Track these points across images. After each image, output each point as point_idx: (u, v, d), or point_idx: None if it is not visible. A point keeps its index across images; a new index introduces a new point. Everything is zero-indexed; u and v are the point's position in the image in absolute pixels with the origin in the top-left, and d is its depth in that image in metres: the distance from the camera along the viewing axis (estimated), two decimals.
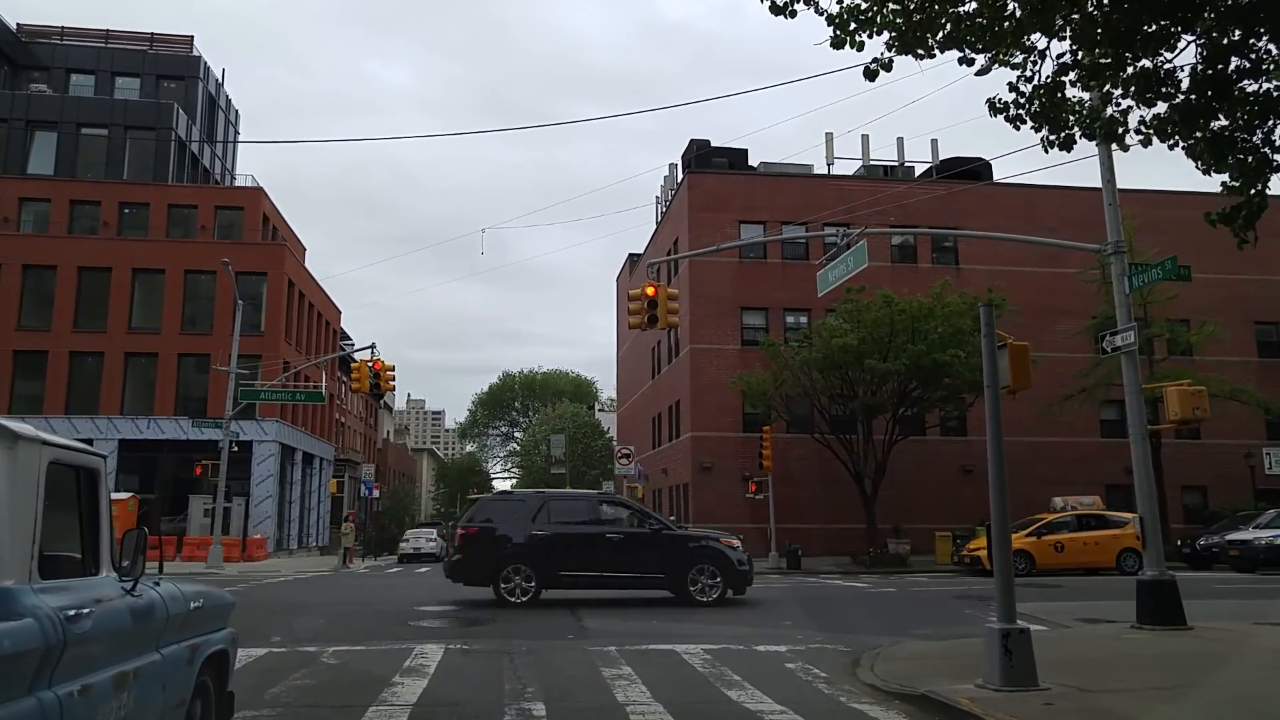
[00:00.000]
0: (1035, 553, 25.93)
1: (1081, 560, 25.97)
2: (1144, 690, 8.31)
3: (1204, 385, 15.18)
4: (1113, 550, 26.11)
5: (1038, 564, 25.68)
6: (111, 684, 4.08)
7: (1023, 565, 25.21)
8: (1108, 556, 26.04)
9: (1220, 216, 6.55)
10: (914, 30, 6.09)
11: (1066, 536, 26.52)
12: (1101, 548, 26.31)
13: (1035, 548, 26.10)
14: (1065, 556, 25.98)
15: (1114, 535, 26.38)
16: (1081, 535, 26.64)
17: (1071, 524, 27.22)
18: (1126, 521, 26.62)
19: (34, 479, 3.78)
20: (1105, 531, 26.62)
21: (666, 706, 7.77)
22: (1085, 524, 27.16)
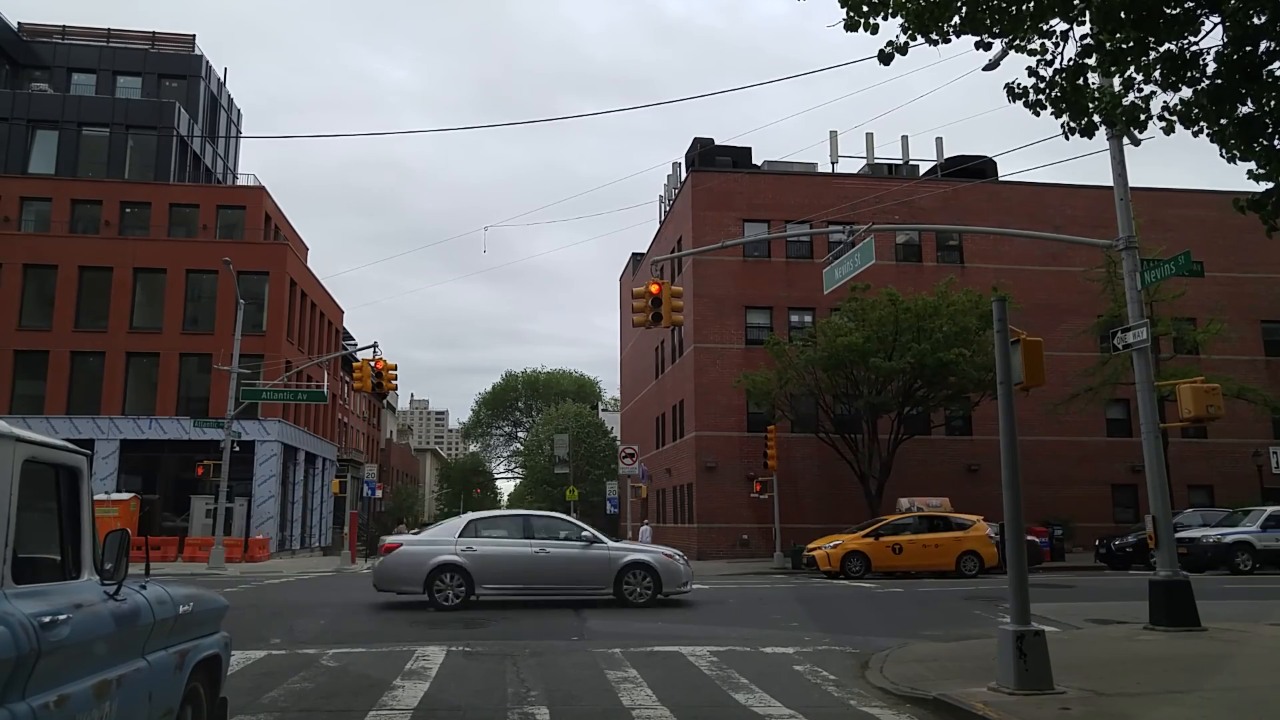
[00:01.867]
0: (871, 554, 25.42)
1: (920, 563, 25.41)
2: (1162, 693, 8.11)
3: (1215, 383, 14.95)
4: (953, 553, 25.49)
5: (873, 565, 25.20)
6: (92, 693, 3.89)
7: (857, 566, 25.10)
8: (948, 559, 25.42)
9: (1250, 203, 6.36)
10: (930, 12, 5.90)
11: (906, 538, 25.91)
12: (942, 550, 25.64)
13: (872, 549, 25.55)
14: (903, 558, 25.42)
15: (956, 538, 25.81)
16: (922, 537, 26.01)
17: (913, 526, 26.70)
18: (970, 524, 26.39)
19: (7, 478, 3.59)
20: (947, 534, 25.96)
21: (673, 710, 7.60)
22: (928, 526, 26.63)
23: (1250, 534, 25.44)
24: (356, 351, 39.57)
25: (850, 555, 25.51)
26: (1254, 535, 25.31)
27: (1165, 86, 6.20)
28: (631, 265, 57.08)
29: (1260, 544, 25.15)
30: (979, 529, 26.27)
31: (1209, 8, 5.84)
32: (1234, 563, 24.76)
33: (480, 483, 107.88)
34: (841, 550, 25.78)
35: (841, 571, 25.26)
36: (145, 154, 48.30)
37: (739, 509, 35.93)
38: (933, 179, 41.42)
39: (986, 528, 26.33)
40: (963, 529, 26.23)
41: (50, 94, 48.61)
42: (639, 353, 53.11)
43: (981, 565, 25.50)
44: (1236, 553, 24.88)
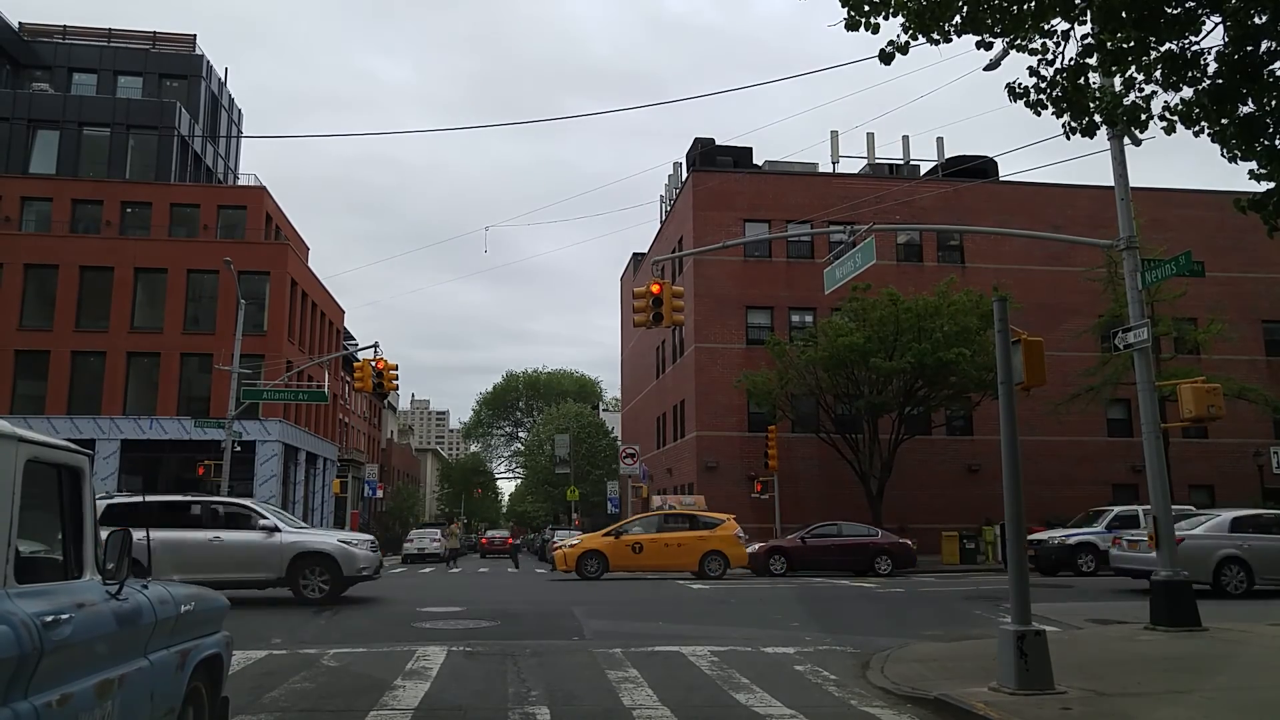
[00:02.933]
0: (610, 553, 24.85)
1: (661, 563, 24.95)
2: (1163, 694, 8.11)
3: (1216, 383, 14.94)
4: (697, 553, 24.91)
5: (611, 565, 24.69)
6: (94, 693, 3.89)
7: (594, 566, 24.57)
8: (691, 559, 24.86)
9: (1251, 203, 6.36)
10: (931, 12, 5.90)
11: (648, 537, 25.41)
12: (685, 550, 25.06)
13: (611, 548, 25.00)
14: (644, 558, 24.93)
15: (700, 537, 25.29)
16: (664, 536, 25.45)
17: (657, 525, 26.35)
18: (718, 523, 26.02)
19: (9, 478, 3.59)
20: (691, 533, 25.47)
21: (673, 710, 7.60)
22: (673, 525, 26.25)
23: (1095, 535, 25.25)
24: (357, 351, 39.57)
25: (587, 555, 24.94)
26: (1098, 537, 25.08)
27: (1166, 86, 6.20)
28: (632, 265, 57.10)
29: (1104, 545, 24.63)
30: (727, 528, 25.71)
31: (1210, 7, 5.84)
32: (1077, 564, 24.57)
33: (481, 483, 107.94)
34: (578, 550, 25.33)
35: (577, 572, 24.67)
36: (146, 154, 48.32)
37: (740, 509, 35.77)
38: (933, 179, 41.44)
39: (736, 527, 25.94)
40: (709, 528, 25.68)
41: (51, 94, 48.63)
42: (640, 353, 53.12)
43: (727, 566, 24.94)
44: (1080, 554, 24.74)
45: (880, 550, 26.55)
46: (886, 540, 27.09)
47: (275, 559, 16.60)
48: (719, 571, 24.81)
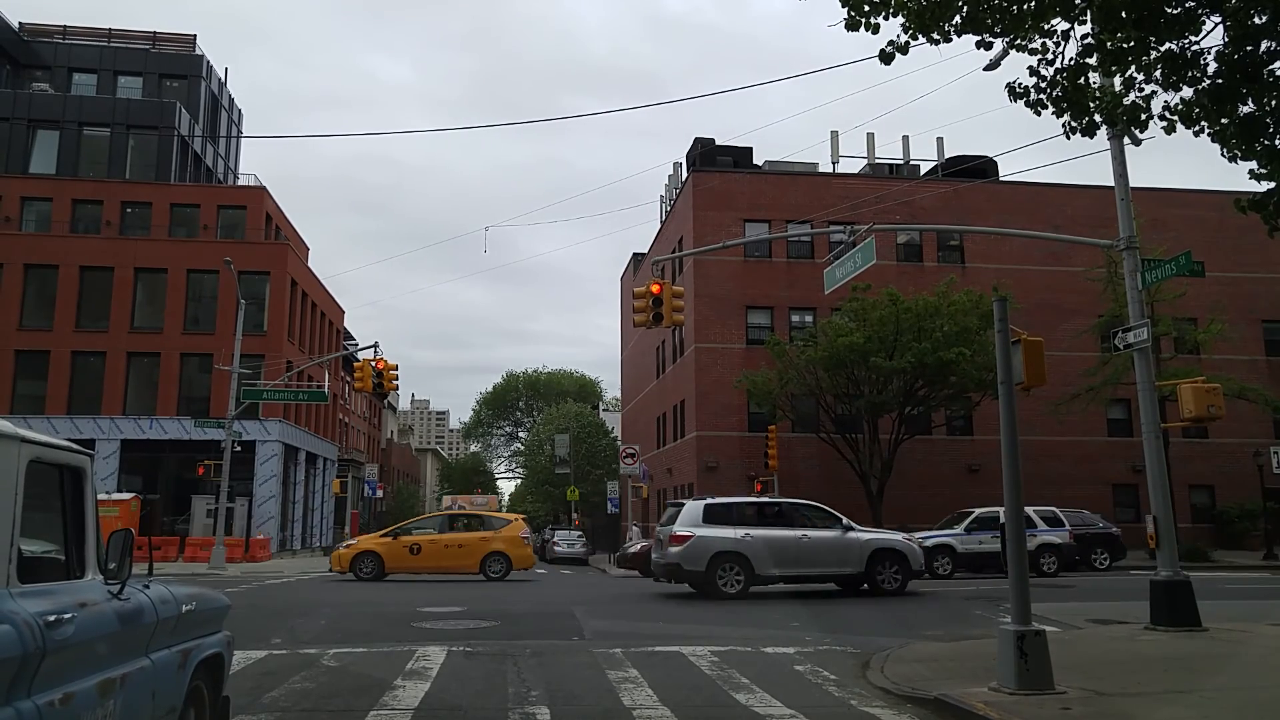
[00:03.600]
0: (386, 555, 24.57)
1: (441, 564, 24.72)
2: (1163, 694, 8.11)
3: (1216, 383, 14.95)
4: (478, 555, 24.75)
5: (388, 567, 24.37)
6: (96, 692, 3.90)
7: (369, 568, 24.21)
8: (472, 561, 24.70)
9: (1251, 203, 6.36)
10: (931, 12, 5.90)
11: (427, 538, 25.21)
12: (466, 551, 24.88)
13: (388, 550, 24.75)
14: (422, 559, 24.67)
15: (482, 538, 25.09)
16: (445, 537, 25.30)
17: (439, 525, 26.04)
18: (504, 524, 25.81)
19: (12, 479, 3.60)
20: (473, 534, 25.31)
21: (673, 710, 7.60)
22: (454, 525, 25.92)
23: (953, 537, 25.32)
24: (357, 351, 39.59)
25: (362, 556, 24.62)
26: (957, 539, 25.20)
27: (1166, 86, 6.20)
28: (632, 265, 57.09)
29: (962, 547, 25.00)
30: (512, 529, 25.52)
31: (1210, 7, 5.85)
32: (933, 566, 24.23)
33: (481, 483, 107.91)
34: (353, 551, 25.15)
35: (352, 573, 24.39)
36: (146, 154, 48.32)
37: None
38: (933, 179, 41.44)
39: (523, 528, 25.71)
40: (493, 529, 25.50)
41: (51, 94, 48.63)
42: (640, 353, 53.12)
43: (509, 567, 24.76)
44: (936, 556, 24.52)
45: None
46: None
47: (856, 554, 18.27)
48: (500, 573, 24.57)
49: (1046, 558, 24.90)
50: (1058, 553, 25.16)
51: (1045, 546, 25.02)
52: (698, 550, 17.79)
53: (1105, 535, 27.97)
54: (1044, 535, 25.18)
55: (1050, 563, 24.89)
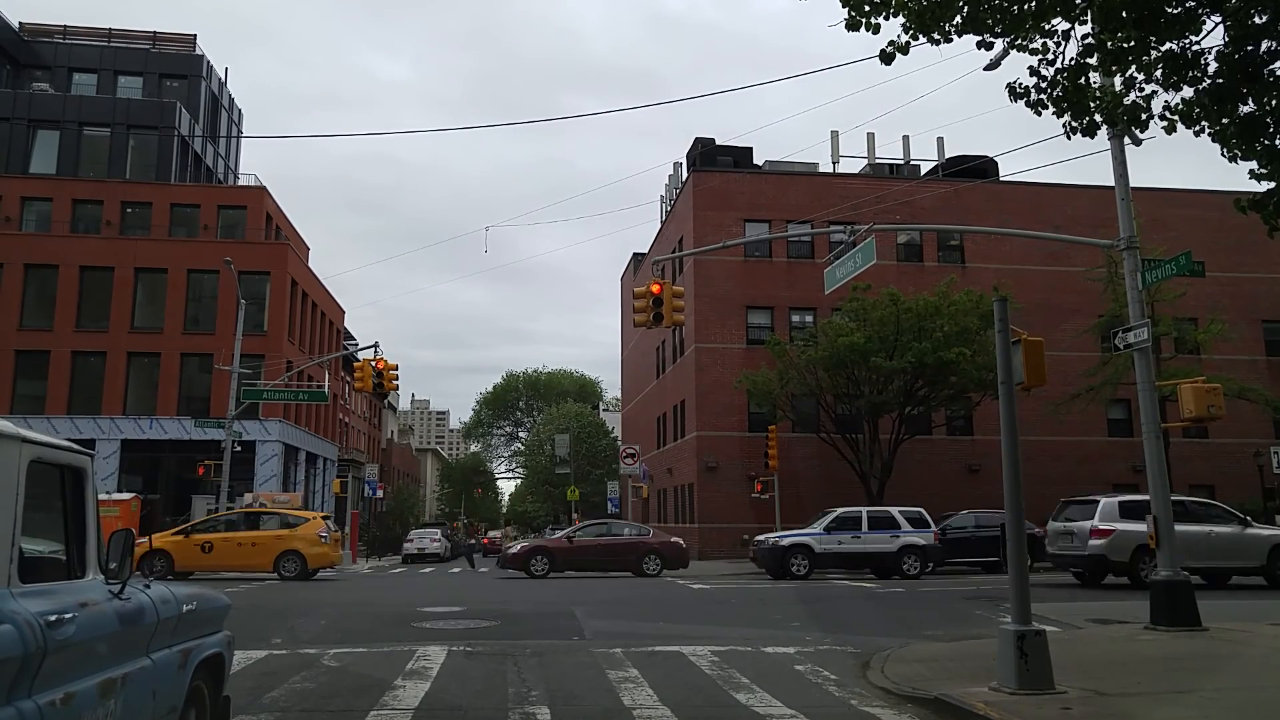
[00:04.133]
0: (176, 553, 23.97)
1: (233, 563, 24.26)
2: (1164, 694, 8.11)
3: (1216, 383, 14.95)
4: (272, 553, 24.30)
5: (177, 565, 23.68)
6: (97, 691, 3.90)
7: (160, 566, 23.59)
8: (265, 560, 24.26)
9: (1252, 203, 6.37)
10: (931, 12, 5.91)
11: (220, 536, 24.64)
12: (260, 550, 24.36)
13: (178, 548, 24.15)
14: (214, 558, 24.18)
15: (277, 536, 24.61)
16: (238, 535, 24.70)
17: (232, 523, 25.53)
18: (301, 522, 25.46)
19: (13, 479, 3.60)
20: (268, 533, 24.80)
21: (674, 710, 7.60)
22: (249, 523, 25.42)
23: (811, 537, 25.15)
24: (357, 351, 39.61)
25: (151, 554, 23.80)
26: (814, 538, 25.00)
27: (1166, 86, 6.20)
28: (633, 265, 57.10)
29: (820, 547, 24.74)
30: (309, 528, 25.15)
31: (1210, 7, 5.85)
32: (789, 565, 24.38)
33: (481, 483, 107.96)
34: (142, 549, 24.27)
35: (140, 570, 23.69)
36: (146, 154, 48.34)
37: (740, 509, 35.92)
38: (934, 179, 41.44)
39: (320, 526, 25.43)
40: (290, 527, 25.10)
41: (51, 94, 48.64)
42: (640, 353, 53.12)
43: (304, 567, 24.48)
44: (793, 556, 24.54)
45: (650, 550, 26.03)
46: (657, 540, 26.73)
47: (1256, 549, 19.74)
48: (294, 573, 24.32)
49: (909, 559, 24.74)
50: (922, 554, 24.95)
51: (908, 548, 24.88)
52: (1122, 543, 19.64)
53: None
54: (907, 536, 24.99)
55: (913, 564, 24.67)
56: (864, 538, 25.01)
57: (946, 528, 27.81)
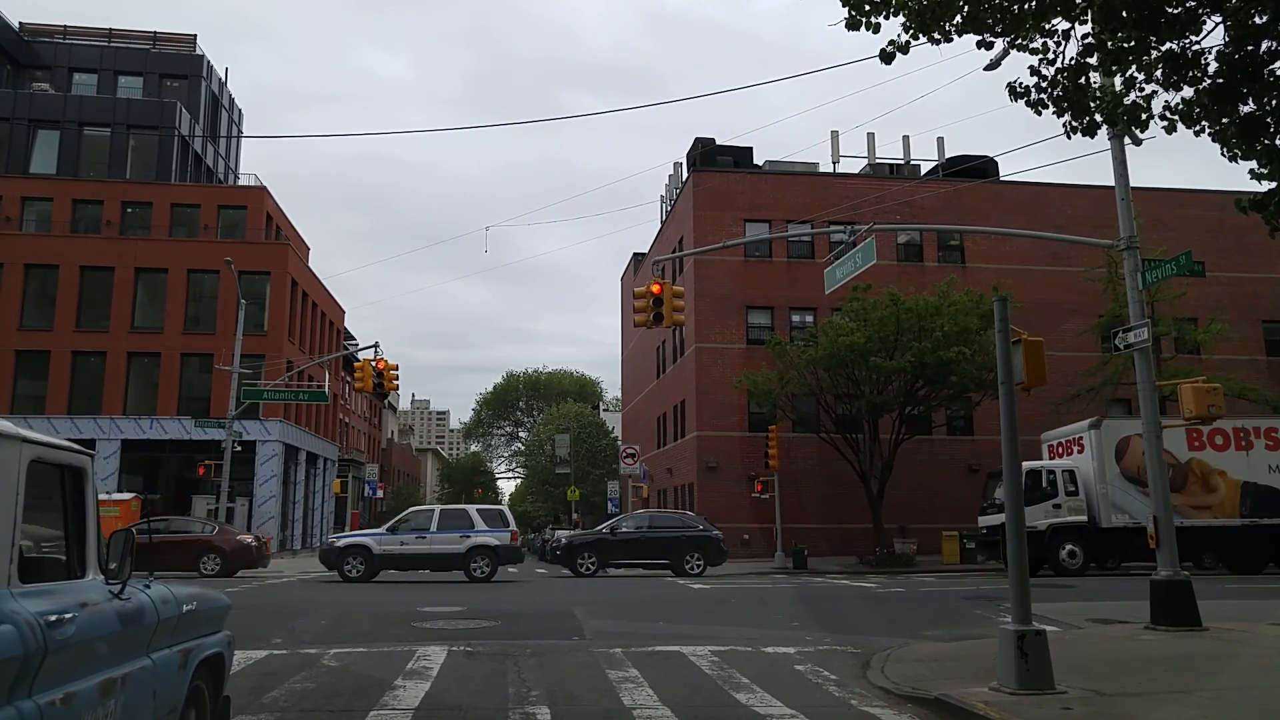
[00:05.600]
0: None
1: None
2: (1164, 694, 8.11)
3: (1216, 383, 14.94)
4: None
5: None
6: (97, 691, 3.90)
7: None
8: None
9: (1252, 203, 6.37)
10: (931, 11, 5.90)
11: None
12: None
13: None
14: None
15: None
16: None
17: None
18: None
19: (13, 479, 3.60)
20: None
21: (674, 710, 7.60)
22: None
23: (371, 537, 24.95)
24: (358, 351, 39.62)
25: None
26: (375, 539, 24.73)
27: (1167, 86, 6.20)
28: (633, 265, 57.11)
29: (380, 548, 24.36)
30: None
31: (1210, 7, 5.85)
32: (343, 567, 24.02)
33: (482, 483, 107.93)
34: None
35: None
36: (146, 154, 48.36)
37: (740, 509, 35.92)
38: (934, 179, 41.45)
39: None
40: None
41: (51, 94, 48.65)
42: (640, 352, 53.12)
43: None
44: (349, 557, 24.15)
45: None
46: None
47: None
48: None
49: (479, 560, 24.14)
50: (493, 555, 24.28)
51: (479, 548, 24.20)
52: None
53: (703, 538, 26.92)
54: (480, 536, 24.34)
55: (483, 566, 24.06)
56: (430, 538, 24.35)
57: (615, 527, 27.79)
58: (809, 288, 35.40)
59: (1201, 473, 25.80)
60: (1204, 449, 25.91)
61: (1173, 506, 24.18)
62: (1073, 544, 25.50)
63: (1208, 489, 25.74)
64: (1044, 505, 25.64)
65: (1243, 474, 25.83)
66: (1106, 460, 25.69)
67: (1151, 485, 13.04)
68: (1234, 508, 25.63)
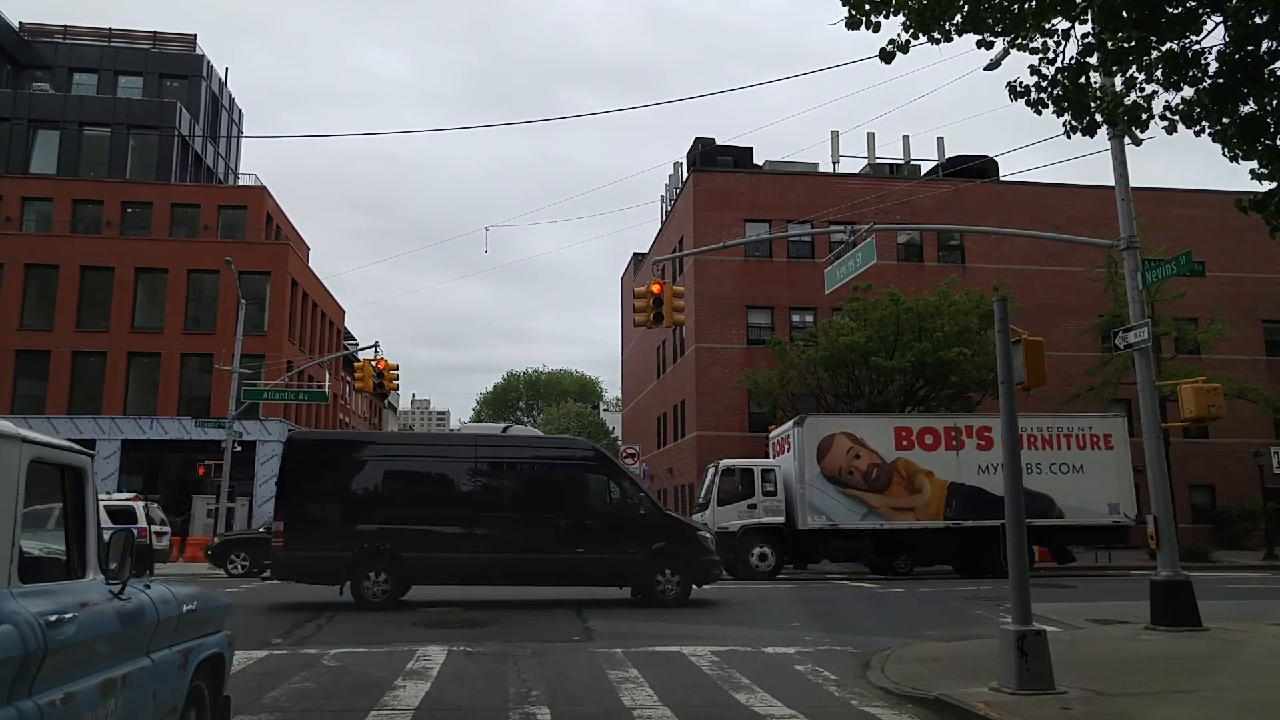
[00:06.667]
0: None
1: None
2: (1164, 693, 8.11)
3: (1216, 383, 14.94)
4: None
5: None
6: (97, 691, 3.90)
7: None
8: None
9: (1253, 203, 6.37)
10: (931, 11, 5.90)
11: None
12: None
13: None
14: None
15: None
16: None
17: None
18: None
19: (13, 479, 3.60)
20: None
21: (674, 710, 7.61)
22: None
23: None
24: (358, 351, 39.60)
25: None
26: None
27: (1167, 86, 6.21)
28: (633, 265, 57.11)
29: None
30: None
31: (1210, 7, 5.85)
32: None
33: None
34: None
35: None
36: (147, 154, 48.33)
37: None
38: (934, 179, 41.44)
39: None
40: None
41: (52, 94, 48.63)
42: (640, 352, 53.11)
43: None
44: None
45: None
46: None
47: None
48: None
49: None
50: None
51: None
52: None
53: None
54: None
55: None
56: None
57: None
58: (809, 288, 35.39)
59: (908, 473, 24.87)
60: (913, 448, 25.05)
61: (873, 508, 24.50)
62: (765, 546, 24.18)
63: (912, 490, 24.85)
64: (738, 505, 24.64)
65: (950, 474, 24.96)
66: (807, 460, 24.65)
67: (1151, 485, 13.03)
68: (938, 509, 24.78)
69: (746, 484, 25.09)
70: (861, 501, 24.71)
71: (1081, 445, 26.01)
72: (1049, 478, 25.29)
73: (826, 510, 24.55)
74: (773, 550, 24.35)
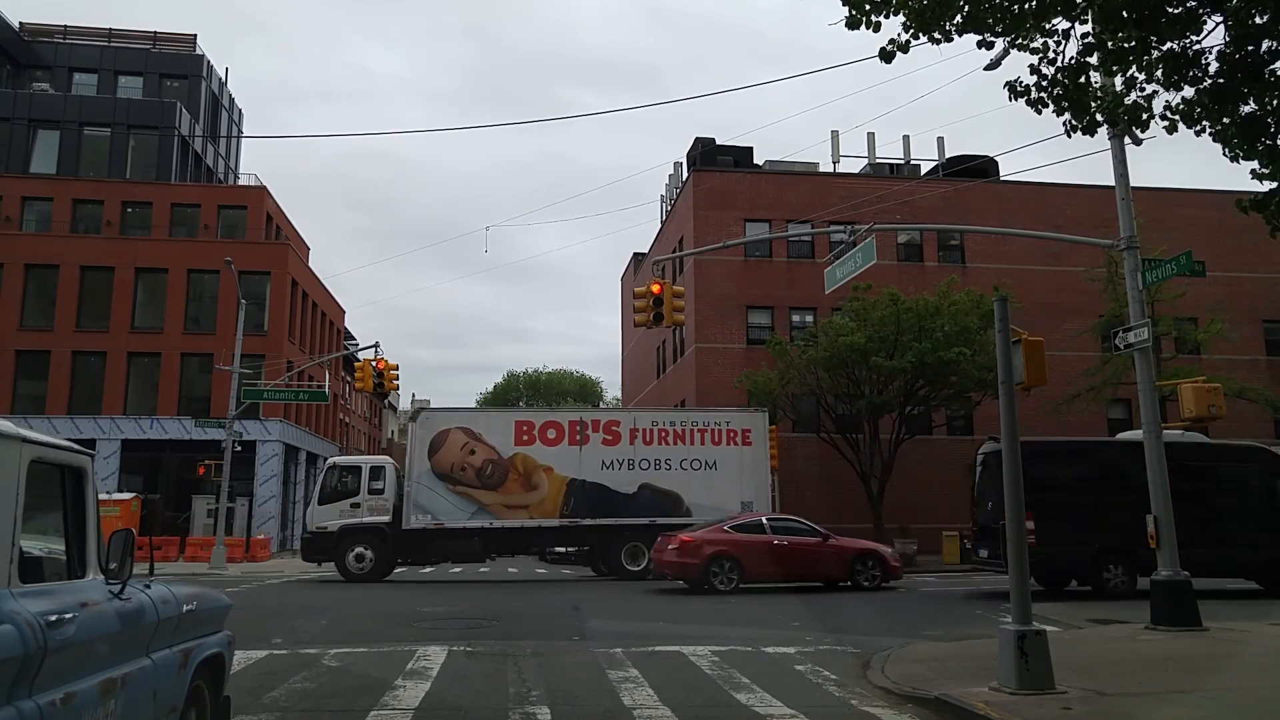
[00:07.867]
0: None
1: None
2: (1164, 693, 8.11)
3: (1216, 383, 14.94)
4: None
5: None
6: (98, 691, 3.90)
7: None
8: None
9: (1253, 203, 6.37)
10: (931, 10, 5.91)
11: None
12: None
13: None
14: None
15: None
16: None
17: None
18: None
19: (13, 479, 3.60)
20: None
21: (674, 710, 7.61)
22: None
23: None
24: (358, 351, 39.60)
25: None
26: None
27: (1167, 85, 6.21)
28: (633, 265, 57.10)
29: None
30: None
31: (1211, 7, 5.85)
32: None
33: None
34: None
35: None
36: (147, 154, 48.32)
37: None
38: (934, 178, 41.43)
39: None
40: None
41: (52, 94, 48.63)
42: (640, 352, 53.11)
43: None
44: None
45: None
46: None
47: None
48: None
49: None
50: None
51: None
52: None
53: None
54: None
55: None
56: None
57: None
58: (809, 288, 35.39)
59: (525, 469, 24.14)
60: (534, 444, 24.34)
61: (484, 506, 23.79)
62: (363, 547, 23.52)
63: (529, 486, 24.13)
64: (340, 504, 23.91)
65: (572, 470, 24.27)
66: (418, 456, 23.99)
67: (1151, 485, 13.02)
68: (555, 507, 24.11)
69: (353, 482, 24.35)
70: (471, 499, 23.99)
71: (717, 441, 25.30)
72: (679, 474, 24.72)
73: (433, 509, 23.88)
74: (372, 551, 23.66)
